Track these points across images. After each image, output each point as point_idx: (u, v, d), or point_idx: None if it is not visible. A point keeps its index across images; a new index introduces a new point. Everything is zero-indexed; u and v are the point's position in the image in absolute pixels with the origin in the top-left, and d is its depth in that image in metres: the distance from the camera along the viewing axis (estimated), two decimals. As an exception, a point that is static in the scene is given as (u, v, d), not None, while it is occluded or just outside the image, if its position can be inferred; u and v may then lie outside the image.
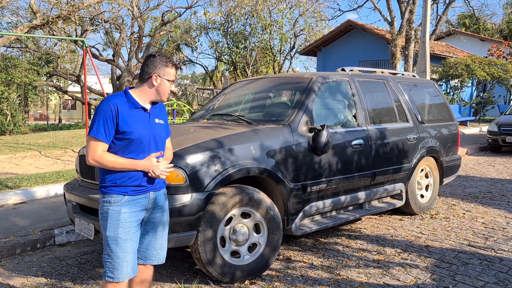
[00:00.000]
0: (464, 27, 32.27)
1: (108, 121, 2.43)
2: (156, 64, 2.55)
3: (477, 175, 8.62)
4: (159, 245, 2.71)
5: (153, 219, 2.66)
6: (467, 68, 17.88)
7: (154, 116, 2.62)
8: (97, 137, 2.43)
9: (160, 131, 2.64)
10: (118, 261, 2.50)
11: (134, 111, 2.52)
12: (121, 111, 2.46)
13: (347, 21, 20.48)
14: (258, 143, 3.75)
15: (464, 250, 4.33)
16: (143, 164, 2.51)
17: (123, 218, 2.50)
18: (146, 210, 2.61)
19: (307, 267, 3.94)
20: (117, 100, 2.49)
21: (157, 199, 2.66)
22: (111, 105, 2.45)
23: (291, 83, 4.99)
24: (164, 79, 2.55)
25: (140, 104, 2.54)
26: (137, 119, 2.51)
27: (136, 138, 2.49)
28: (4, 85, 18.90)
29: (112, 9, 19.99)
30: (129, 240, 2.52)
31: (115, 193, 2.51)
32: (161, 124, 2.66)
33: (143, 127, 2.52)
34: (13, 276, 3.81)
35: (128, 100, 2.52)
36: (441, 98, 6.30)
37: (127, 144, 2.49)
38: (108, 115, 2.43)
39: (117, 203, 2.50)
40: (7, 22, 20.23)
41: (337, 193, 4.41)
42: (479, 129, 17.36)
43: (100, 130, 2.43)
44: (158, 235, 2.69)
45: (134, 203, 2.54)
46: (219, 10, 24.62)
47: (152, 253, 2.70)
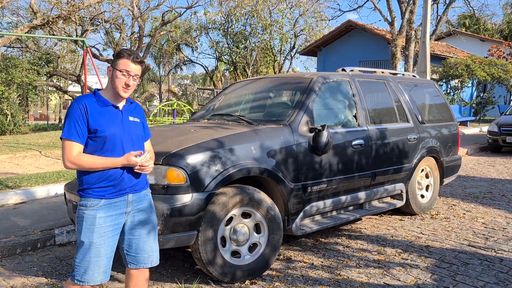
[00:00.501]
0: (464, 28, 32.28)
1: (78, 121, 2.40)
2: (113, 57, 2.54)
3: (477, 175, 8.62)
4: (149, 247, 2.65)
5: (138, 221, 2.60)
6: (467, 68, 17.89)
7: (128, 114, 2.58)
8: (70, 138, 2.40)
9: (135, 129, 2.60)
10: (90, 266, 2.45)
11: (105, 109, 2.48)
12: (91, 109, 2.43)
13: (347, 21, 20.49)
14: (258, 143, 3.75)
15: (465, 250, 4.33)
16: (122, 161, 2.47)
17: (98, 223, 2.44)
18: (126, 213, 2.55)
19: (308, 267, 3.94)
20: (86, 100, 2.46)
21: (138, 201, 2.60)
22: (80, 105, 2.42)
23: (291, 83, 4.99)
24: (115, 69, 2.48)
25: (110, 102, 2.51)
26: (108, 117, 2.48)
27: (109, 135, 2.45)
28: (4, 85, 18.91)
29: (112, 9, 20.01)
30: (103, 245, 2.46)
31: (92, 196, 2.46)
32: (136, 122, 2.62)
33: (115, 125, 2.49)
34: (14, 276, 3.81)
35: (97, 99, 2.50)
36: (441, 98, 6.30)
37: (101, 143, 2.45)
38: (77, 114, 2.40)
39: (93, 207, 2.45)
40: (8, 22, 20.26)
41: (338, 193, 4.41)
42: (479, 129, 17.36)
43: (71, 131, 2.40)
44: (146, 237, 2.63)
45: (111, 206, 2.49)
46: (219, 10, 24.63)
47: (143, 257, 2.63)
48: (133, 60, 2.48)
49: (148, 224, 2.64)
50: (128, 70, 2.47)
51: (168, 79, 42.90)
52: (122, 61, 2.47)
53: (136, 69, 2.50)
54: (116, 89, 2.49)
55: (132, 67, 2.48)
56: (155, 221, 2.71)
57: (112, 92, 2.52)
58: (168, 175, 3.30)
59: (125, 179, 2.51)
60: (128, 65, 2.47)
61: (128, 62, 2.47)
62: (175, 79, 48.11)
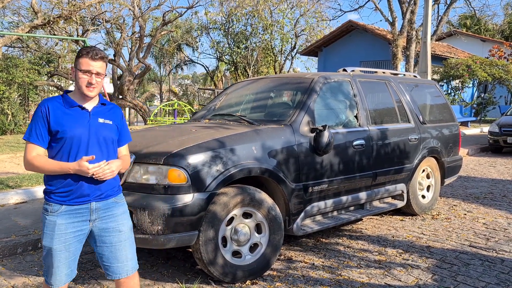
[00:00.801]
0: (465, 28, 32.27)
1: (39, 122, 2.35)
2: (75, 57, 2.45)
3: (478, 175, 8.61)
4: (122, 257, 2.53)
5: (106, 230, 2.49)
6: (468, 68, 17.88)
7: (97, 115, 2.46)
8: (29, 140, 2.36)
9: (105, 132, 2.46)
10: (51, 269, 2.42)
11: (70, 110, 2.40)
12: (53, 111, 2.36)
13: (348, 22, 20.49)
14: (259, 143, 3.75)
15: (466, 251, 4.33)
16: (73, 166, 2.32)
17: (58, 229, 2.37)
18: (90, 221, 2.45)
19: (309, 267, 3.94)
20: (50, 102, 2.40)
21: (103, 209, 2.48)
22: (42, 107, 2.37)
23: (292, 83, 4.99)
24: (77, 69, 2.39)
25: (77, 103, 2.42)
26: (72, 118, 2.38)
27: (70, 137, 2.35)
28: (5, 84, 18.89)
29: (113, 9, 20.02)
30: (64, 251, 2.40)
31: (53, 201, 2.39)
32: (107, 124, 2.49)
33: (79, 126, 2.38)
34: (15, 276, 3.81)
35: (64, 100, 2.42)
36: (442, 98, 6.30)
37: (63, 145, 2.36)
38: (38, 116, 2.35)
39: (54, 213, 2.38)
40: (9, 21, 20.26)
41: (339, 193, 4.41)
42: (480, 129, 17.35)
43: (31, 133, 2.35)
44: (116, 247, 2.51)
45: (72, 213, 2.40)
46: (220, 10, 24.65)
47: (117, 267, 2.53)
48: (92, 57, 2.38)
49: (119, 232, 2.52)
50: (89, 68, 2.37)
51: (168, 79, 42.92)
52: (82, 60, 2.38)
53: (97, 66, 2.39)
54: (80, 89, 2.40)
55: (92, 64, 2.38)
56: (126, 229, 2.57)
57: (78, 92, 2.43)
58: (169, 175, 3.29)
59: (84, 185, 2.39)
60: (88, 64, 2.37)
61: (87, 60, 2.37)
62: (176, 79, 48.15)
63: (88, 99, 2.45)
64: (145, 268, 3.95)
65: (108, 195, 2.50)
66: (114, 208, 2.53)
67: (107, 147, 2.48)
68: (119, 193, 2.59)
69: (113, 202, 2.53)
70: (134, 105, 22.10)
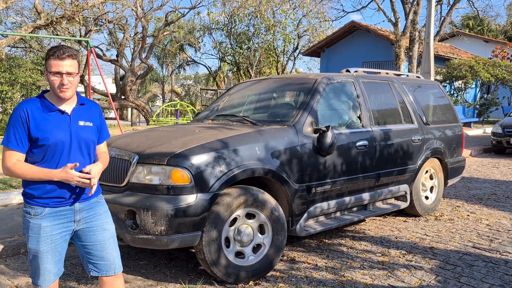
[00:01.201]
0: (468, 29, 32.20)
1: (18, 128, 2.25)
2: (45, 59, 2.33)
3: (481, 176, 8.59)
4: (109, 255, 2.51)
5: (91, 228, 2.47)
6: (471, 69, 17.85)
7: (77, 118, 2.39)
8: (8, 146, 2.26)
9: (86, 135, 2.40)
10: (40, 271, 2.39)
11: (49, 115, 2.30)
12: (33, 116, 2.26)
13: (351, 22, 20.48)
14: (263, 144, 3.74)
15: (469, 252, 4.32)
16: (58, 174, 2.26)
17: (44, 232, 2.33)
18: (75, 221, 2.42)
19: (312, 268, 3.93)
20: (29, 105, 2.29)
21: (87, 209, 2.46)
22: (21, 110, 2.26)
23: (296, 84, 4.98)
24: (47, 72, 2.29)
25: (56, 107, 2.33)
26: (53, 123, 2.30)
27: (53, 143, 2.28)
28: (8, 84, 18.97)
29: (116, 10, 20.06)
30: (50, 252, 2.37)
31: (36, 204, 2.33)
32: (88, 126, 2.42)
33: (60, 131, 2.30)
34: (18, 276, 3.82)
35: (42, 103, 2.32)
36: (445, 99, 6.29)
37: (45, 151, 2.29)
38: (17, 121, 2.25)
39: (38, 216, 2.33)
40: (12, 22, 20.31)
41: (342, 194, 4.40)
42: (483, 130, 17.32)
43: (10, 139, 2.26)
44: (102, 245, 2.49)
45: (57, 215, 2.36)
46: (223, 11, 24.67)
47: (104, 264, 2.50)
48: (59, 57, 2.26)
49: (103, 231, 2.50)
50: (58, 69, 2.27)
51: (171, 80, 42.97)
52: (50, 62, 2.28)
53: (66, 65, 2.27)
54: (54, 91, 2.31)
55: (61, 64, 2.27)
56: (111, 228, 2.56)
57: (53, 94, 2.34)
58: (172, 176, 3.29)
59: (69, 188, 2.36)
60: (57, 65, 2.26)
61: (55, 61, 2.27)
62: (178, 80, 48.19)
63: (65, 101, 2.37)
64: (148, 269, 3.95)
65: (91, 195, 2.48)
66: (97, 207, 2.52)
67: (88, 150, 2.44)
68: (100, 193, 2.59)
69: (95, 201, 2.52)
70: (136, 105, 22.14)
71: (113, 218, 3.32)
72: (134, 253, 4.35)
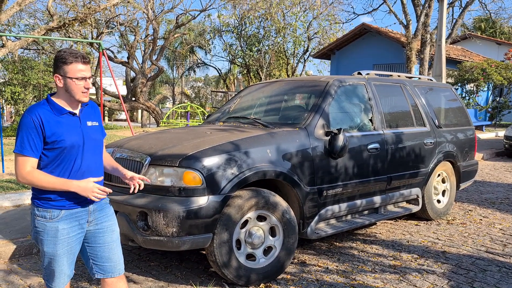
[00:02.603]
0: (480, 31, 31.92)
1: (32, 134, 2.23)
2: (57, 63, 2.30)
3: (493, 180, 8.50)
4: (115, 256, 2.54)
5: (102, 229, 2.50)
6: (483, 72, 17.68)
7: (86, 119, 2.43)
8: (23, 153, 2.23)
9: (94, 134, 2.45)
10: (55, 274, 2.41)
11: (62, 118, 2.31)
12: (46, 120, 2.25)
13: (362, 24, 20.40)
14: (274, 146, 3.74)
15: (482, 257, 4.27)
16: (77, 185, 2.28)
17: (61, 234, 2.34)
18: (88, 222, 2.45)
19: (322, 271, 3.91)
20: (40, 110, 2.27)
21: (99, 210, 2.50)
22: (33, 115, 2.24)
23: (307, 87, 4.97)
24: (67, 77, 2.28)
25: (66, 109, 2.33)
26: (67, 126, 2.31)
27: (69, 146, 2.30)
28: (20, 86, 19.18)
29: (127, 12, 20.19)
30: (66, 254, 2.39)
31: (51, 207, 2.32)
32: (95, 126, 2.47)
33: (74, 133, 2.33)
34: (31, 276, 3.85)
35: (52, 107, 2.30)
36: (458, 102, 6.23)
37: (61, 154, 2.30)
38: (31, 127, 2.23)
39: (54, 219, 2.32)
40: (25, 24, 20.53)
41: (353, 197, 4.38)
42: (495, 134, 17.13)
43: (25, 145, 2.23)
44: (110, 246, 2.52)
45: (73, 217, 2.37)
46: (233, 13, 24.68)
47: (110, 266, 2.53)
48: (82, 61, 2.30)
49: (112, 232, 2.54)
50: (84, 74, 2.30)
51: (181, 82, 43.14)
52: (74, 67, 2.27)
53: (88, 69, 2.33)
54: (75, 96, 2.32)
55: (85, 69, 2.31)
56: (117, 229, 2.60)
57: (67, 98, 2.34)
58: (184, 177, 3.30)
59: None
60: (81, 70, 2.29)
61: (80, 65, 2.29)
62: (188, 82, 48.36)
63: (76, 104, 2.38)
64: (159, 270, 3.96)
65: None
66: (106, 208, 2.56)
67: (98, 150, 2.49)
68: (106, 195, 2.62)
69: (105, 203, 2.57)
70: (147, 107, 22.25)
71: (125, 219, 3.37)
72: (145, 254, 4.37)
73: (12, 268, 4.02)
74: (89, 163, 2.41)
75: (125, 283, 2.64)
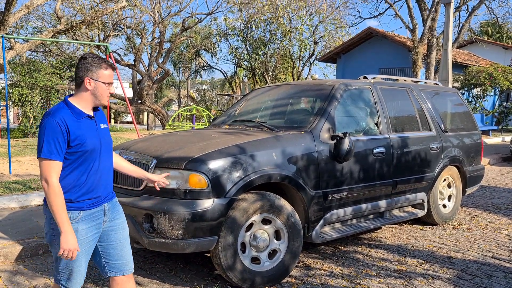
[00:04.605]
0: (486, 35, 31.80)
1: (59, 138, 2.26)
2: (88, 66, 2.36)
3: (500, 185, 8.45)
4: (126, 254, 2.60)
5: (114, 226, 2.56)
6: (489, 76, 17.61)
7: (99, 121, 2.50)
8: (51, 158, 2.26)
9: (107, 136, 2.53)
10: (73, 274, 2.43)
11: (81, 121, 2.36)
12: (70, 125, 2.30)
13: (368, 28, 20.40)
14: (279, 150, 3.75)
15: (488, 262, 4.25)
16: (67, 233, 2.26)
17: (80, 235, 2.38)
18: (103, 221, 2.51)
19: (327, 275, 3.91)
20: (63, 114, 2.31)
21: (112, 209, 2.56)
22: (59, 120, 2.27)
23: (313, 90, 4.98)
24: (99, 81, 2.37)
25: (86, 113, 2.40)
26: (87, 129, 2.37)
27: (91, 149, 2.37)
28: (28, 88, 19.31)
29: (134, 15, 20.31)
30: (84, 255, 2.44)
31: (70, 208, 2.36)
32: (106, 128, 2.55)
33: (93, 136, 2.40)
34: (36, 276, 3.87)
35: (72, 111, 2.35)
36: (464, 106, 6.21)
37: (80, 156, 2.35)
38: (57, 131, 2.26)
39: (74, 220, 2.36)
40: (33, 27, 20.70)
41: (358, 201, 4.38)
42: (502, 139, 17.05)
43: (52, 150, 2.25)
44: (122, 243, 2.58)
45: (91, 217, 2.43)
46: (239, 17, 24.76)
47: (121, 263, 2.58)
48: (113, 68, 2.44)
49: (123, 229, 2.60)
50: (111, 80, 2.42)
51: (187, 84, 43.26)
52: (106, 72, 2.38)
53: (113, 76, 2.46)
54: (101, 100, 2.41)
55: (112, 75, 2.43)
56: (127, 227, 2.66)
57: (89, 101, 2.40)
58: (190, 180, 3.32)
59: (101, 189, 2.47)
60: (111, 76, 2.42)
61: (110, 72, 2.41)
62: (194, 85, 48.48)
63: (90, 107, 2.44)
64: (164, 272, 3.97)
65: (113, 195, 2.61)
66: (117, 206, 2.63)
67: (111, 151, 2.58)
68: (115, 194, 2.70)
69: (115, 201, 2.63)
70: (153, 109, 22.33)
71: (131, 221, 3.38)
72: (150, 256, 4.38)
73: (18, 269, 4.05)
74: (105, 165, 2.51)
75: (134, 283, 2.68)
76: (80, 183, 2.38)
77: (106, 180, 2.51)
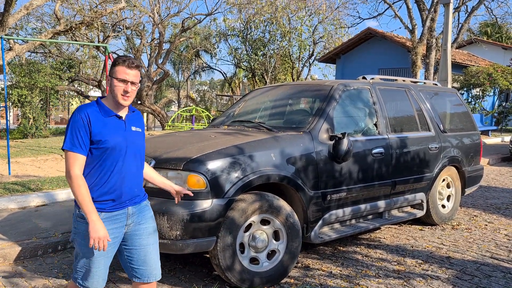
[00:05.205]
0: (486, 36, 31.82)
1: (81, 131, 2.32)
2: (110, 66, 2.45)
3: (499, 185, 8.45)
4: (152, 261, 2.56)
5: (138, 231, 2.52)
6: (489, 77, 17.63)
7: (131, 123, 2.50)
8: (72, 150, 2.32)
9: (138, 139, 2.52)
10: (90, 274, 2.42)
11: (108, 119, 2.40)
12: (94, 119, 2.35)
13: (367, 29, 20.43)
14: (278, 150, 3.75)
15: (487, 262, 4.25)
16: (94, 221, 2.28)
17: None
18: (126, 225, 2.48)
19: (326, 275, 3.91)
20: (88, 109, 2.37)
21: (138, 213, 2.53)
22: (82, 115, 2.34)
23: (312, 91, 4.98)
24: (112, 78, 2.40)
25: (114, 112, 2.43)
26: (112, 127, 2.40)
27: (112, 146, 2.37)
28: (27, 89, 19.29)
29: (133, 16, 20.32)
30: (103, 257, 2.42)
31: None
32: (138, 132, 2.54)
33: (118, 135, 2.40)
34: (35, 277, 3.87)
35: (100, 108, 2.41)
36: (463, 107, 6.22)
37: (103, 153, 2.36)
38: (80, 125, 2.32)
39: None
40: (32, 28, 20.70)
41: (357, 201, 4.38)
42: (501, 139, 17.05)
43: (74, 143, 2.32)
44: (146, 249, 2.54)
45: (112, 220, 2.41)
46: (239, 17, 24.76)
47: (146, 270, 2.55)
48: (128, 66, 2.40)
49: (148, 235, 2.56)
50: (125, 77, 2.39)
51: (186, 85, 43.25)
52: (118, 69, 2.39)
53: (133, 74, 2.41)
54: (115, 97, 2.41)
55: (128, 73, 2.40)
56: (155, 234, 2.62)
57: (113, 101, 2.44)
58: (188, 181, 3.32)
59: (124, 192, 2.45)
60: (124, 72, 2.39)
61: (124, 68, 2.39)
62: (194, 85, 48.48)
63: (122, 108, 2.47)
64: (162, 273, 3.94)
65: (141, 199, 2.58)
66: (145, 211, 2.59)
67: (140, 154, 2.54)
68: (147, 198, 2.66)
69: (144, 205, 2.60)
70: (152, 110, 22.32)
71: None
72: (149, 257, 4.37)
73: (17, 270, 4.04)
74: (130, 167, 2.47)
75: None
76: (102, 182, 2.38)
77: (130, 182, 2.47)
